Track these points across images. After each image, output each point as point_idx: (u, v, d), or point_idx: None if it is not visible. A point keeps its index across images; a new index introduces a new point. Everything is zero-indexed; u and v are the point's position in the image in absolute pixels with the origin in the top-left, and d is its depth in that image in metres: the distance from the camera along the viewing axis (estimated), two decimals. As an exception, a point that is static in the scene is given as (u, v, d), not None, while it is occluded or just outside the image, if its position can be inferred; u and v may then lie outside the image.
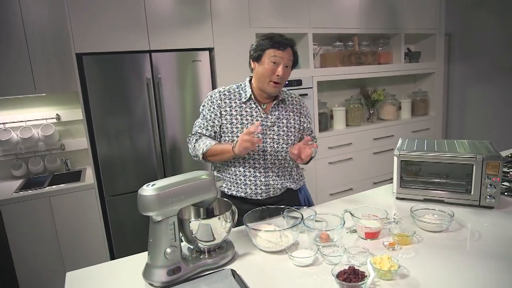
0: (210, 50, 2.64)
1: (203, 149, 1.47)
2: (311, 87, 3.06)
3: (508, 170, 1.88)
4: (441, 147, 1.62)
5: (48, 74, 2.45)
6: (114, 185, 2.43)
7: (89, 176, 2.56)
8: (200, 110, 1.57)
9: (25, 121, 2.68)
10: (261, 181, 1.51)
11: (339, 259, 1.11)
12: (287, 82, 2.91)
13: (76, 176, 2.64)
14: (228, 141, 1.49)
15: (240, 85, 1.56)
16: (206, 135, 1.52)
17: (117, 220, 2.47)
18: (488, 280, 1.00)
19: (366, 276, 0.97)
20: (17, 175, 2.67)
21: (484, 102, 4.35)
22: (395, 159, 1.61)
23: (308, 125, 1.64)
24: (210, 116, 1.51)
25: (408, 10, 3.52)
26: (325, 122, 3.31)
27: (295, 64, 1.51)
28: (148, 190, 1.03)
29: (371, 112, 3.64)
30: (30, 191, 2.32)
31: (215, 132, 1.52)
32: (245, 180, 1.52)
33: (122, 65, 2.35)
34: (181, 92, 2.55)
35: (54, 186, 2.38)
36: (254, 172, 1.51)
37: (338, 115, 3.39)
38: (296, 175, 1.63)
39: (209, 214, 1.23)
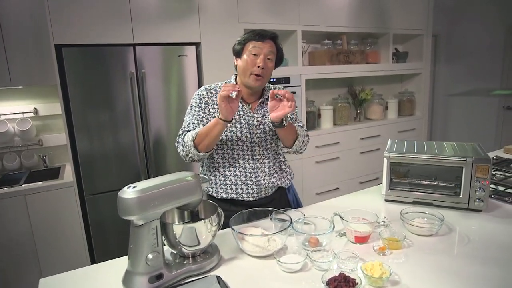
0: (197, 45, 2.57)
1: (192, 136, 1.37)
2: (299, 85, 3.03)
3: (494, 173, 1.89)
4: (430, 149, 1.61)
5: (25, 65, 2.33)
6: (94, 183, 2.34)
7: (68, 174, 2.45)
8: (188, 111, 1.51)
9: (0, 115, 2.55)
10: (252, 181, 1.48)
11: (328, 265, 1.07)
12: (274, 79, 2.90)
13: (54, 173, 2.53)
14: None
15: (226, 82, 1.52)
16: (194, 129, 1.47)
17: (97, 220, 2.38)
18: (478, 284, 0.98)
19: (357, 283, 0.94)
20: (-10, 172, 2.54)
21: (467, 103, 4.42)
22: (385, 160, 1.59)
23: (292, 116, 1.59)
24: (199, 113, 1.47)
25: (396, 10, 3.52)
26: (313, 120, 3.29)
27: (279, 61, 1.47)
28: (129, 193, 0.96)
29: (358, 111, 3.64)
30: (5, 188, 2.20)
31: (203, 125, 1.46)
32: (235, 180, 1.48)
33: (104, 58, 2.26)
34: (166, 88, 2.47)
35: (30, 184, 2.27)
36: (245, 171, 1.48)
37: (325, 114, 3.37)
38: (285, 172, 1.60)
39: (194, 217, 1.18)
